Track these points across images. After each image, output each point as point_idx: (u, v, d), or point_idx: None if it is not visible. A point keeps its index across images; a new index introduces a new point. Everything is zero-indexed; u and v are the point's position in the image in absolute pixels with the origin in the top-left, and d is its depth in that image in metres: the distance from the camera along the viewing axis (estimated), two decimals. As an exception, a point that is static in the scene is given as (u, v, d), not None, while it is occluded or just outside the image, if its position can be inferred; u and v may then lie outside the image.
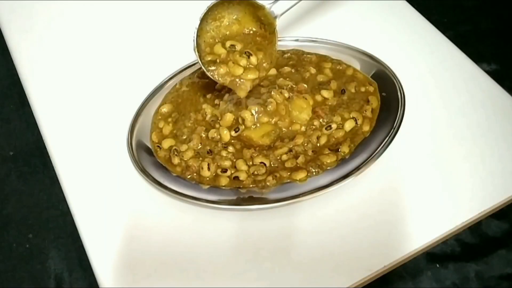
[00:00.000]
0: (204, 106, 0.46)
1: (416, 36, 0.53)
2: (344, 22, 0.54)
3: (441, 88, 0.49)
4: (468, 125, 0.46)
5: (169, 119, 0.46)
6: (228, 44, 0.44)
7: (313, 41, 0.50)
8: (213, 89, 0.48)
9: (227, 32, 0.44)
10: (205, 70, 0.44)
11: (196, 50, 0.43)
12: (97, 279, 0.39)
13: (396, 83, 0.46)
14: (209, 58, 0.44)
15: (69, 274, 0.42)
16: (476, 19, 0.59)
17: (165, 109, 0.47)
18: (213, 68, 0.44)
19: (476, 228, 0.42)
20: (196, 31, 0.43)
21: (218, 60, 0.44)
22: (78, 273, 0.42)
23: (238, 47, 0.44)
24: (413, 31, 0.53)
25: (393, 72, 0.47)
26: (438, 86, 0.49)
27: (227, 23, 0.44)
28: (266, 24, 0.45)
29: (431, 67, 0.50)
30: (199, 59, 0.43)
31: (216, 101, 0.46)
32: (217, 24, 0.44)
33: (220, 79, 0.44)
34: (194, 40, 0.43)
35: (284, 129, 0.44)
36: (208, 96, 0.47)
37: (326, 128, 0.44)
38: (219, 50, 0.44)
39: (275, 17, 0.44)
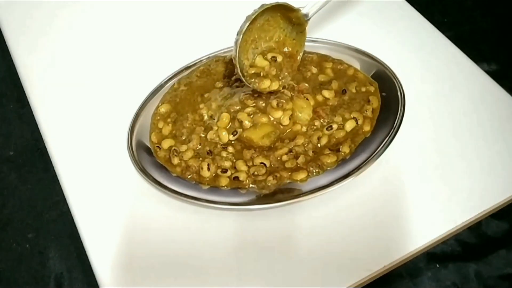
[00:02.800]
0: (201, 106, 0.46)
1: (416, 36, 0.53)
2: (344, 22, 0.54)
3: (441, 88, 0.49)
4: (468, 125, 0.46)
5: (168, 120, 0.46)
6: (269, 56, 0.45)
7: (313, 41, 0.50)
8: (211, 88, 0.48)
9: (259, 35, 0.45)
10: (245, 81, 0.44)
11: (237, 61, 0.43)
12: (97, 279, 0.39)
13: (396, 83, 0.46)
14: (252, 71, 0.45)
15: (69, 274, 0.42)
16: (476, 19, 0.59)
17: (163, 109, 0.47)
18: (254, 80, 0.44)
19: (476, 228, 0.42)
20: (237, 46, 0.43)
21: (262, 74, 0.44)
22: (78, 273, 0.42)
23: (279, 58, 0.45)
24: (413, 31, 0.53)
25: (393, 72, 0.47)
26: (438, 86, 0.49)
27: (258, 25, 0.44)
28: (296, 24, 0.45)
29: (431, 67, 0.50)
30: (239, 71, 0.43)
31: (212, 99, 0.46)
32: (249, 27, 0.44)
33: (259, 89, 0.44)
34: (236, 52, 0.43)
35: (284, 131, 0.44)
36: (206, 95, 0.47)
37: (327, 129, 0.44)
38: (262, 62, 0.45)
39: (307, 19, 0.45)
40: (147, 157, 0.44)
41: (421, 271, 0.40)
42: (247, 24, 0.43)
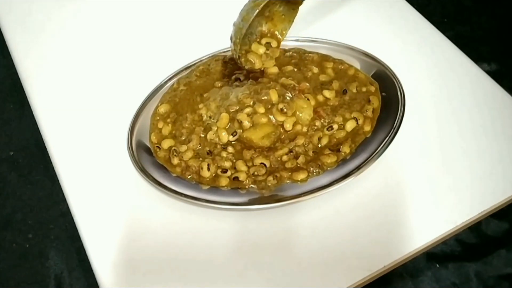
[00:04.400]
0: (201, 106, 0.46)
1: (416, 36, 0.53)
2: (344, 22, 0.54)
3: (441, 88, 0.49)
4: (468, 125, 0.46)
5: (168, 120, 0.46)
6: (263, 41, 0.46)
7: (313, 41, 0.50)
8: (211, 87, 0.48)
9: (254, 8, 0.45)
10: (238, 62, 0.46)
11: (237, 45, 0.45)
12: (97, 279, 0.39)
13: (396, 83, 0.46)
14: (251, 58, 0.46)
15: (69, 274, 0.42)
16: (476, 19, 0.59)
17: (162, 109, 0.47)
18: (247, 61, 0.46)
19: (476, 228, 0.42)
20: (241, 34, 0.44)
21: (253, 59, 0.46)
22: (78, 273, 0.42)
23: (274, 44, 0.47)
24: (413, 31, 0.53)
25: (393, 72, 0.47)
26: (438, 86, 0.49)
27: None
28: (292, 1, 0.46)
29: (431, 67, 0.50)
30: (237, 54, 0.45)
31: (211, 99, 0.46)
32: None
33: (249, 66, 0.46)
34: (238, 38, 0.44)
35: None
36: (205, 95, 0.47)
37: (327, 129, 0.44)
38: (259, 49, 0.46)
39: None
40: (147, 157, 0.44)
41: (421, 271, 0.40)
42: (256, 11, 0.43)
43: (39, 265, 0.43)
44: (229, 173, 0.42)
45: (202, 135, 0.44)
